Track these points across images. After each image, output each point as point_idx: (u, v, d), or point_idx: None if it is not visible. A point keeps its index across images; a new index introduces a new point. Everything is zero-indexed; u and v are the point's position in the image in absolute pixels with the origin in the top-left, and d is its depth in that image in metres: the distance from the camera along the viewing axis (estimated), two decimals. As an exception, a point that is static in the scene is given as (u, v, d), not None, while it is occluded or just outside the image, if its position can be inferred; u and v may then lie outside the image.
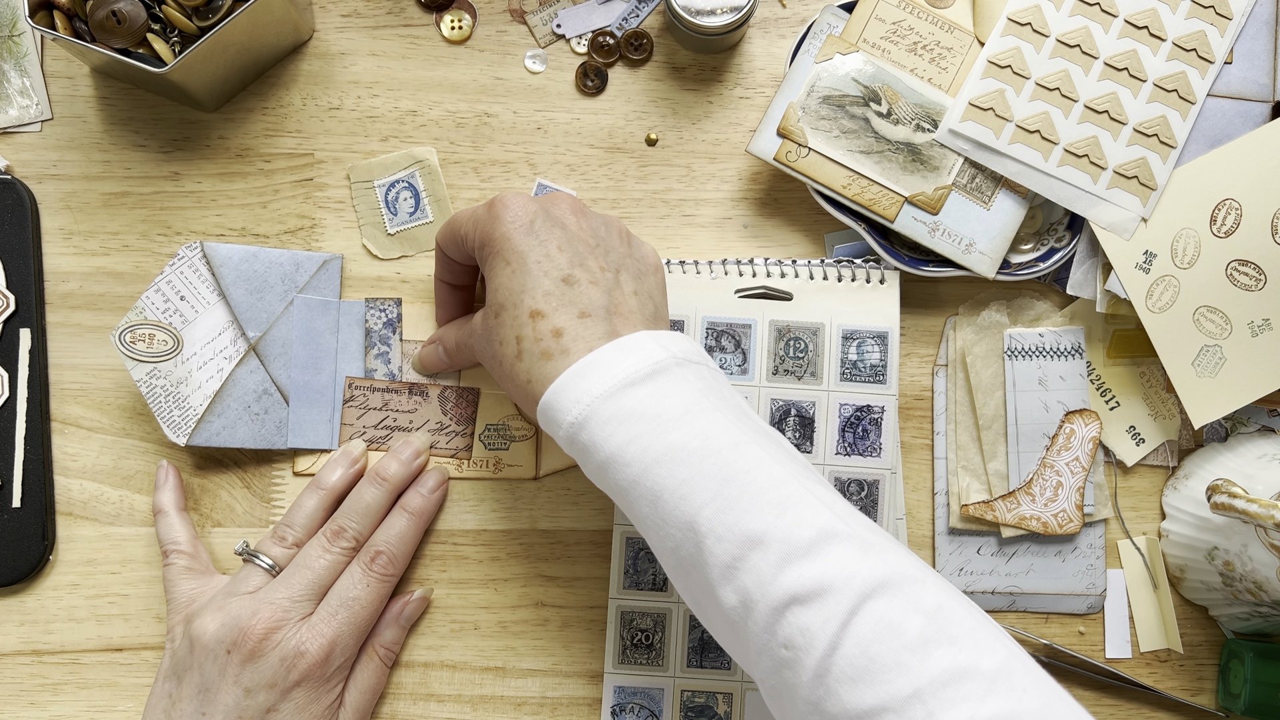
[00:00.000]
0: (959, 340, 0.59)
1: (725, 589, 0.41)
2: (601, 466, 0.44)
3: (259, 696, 0.50)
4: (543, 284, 0.47)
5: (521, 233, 0.48)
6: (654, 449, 0.43)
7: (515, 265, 0.47)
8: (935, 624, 0.39)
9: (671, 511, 0.42)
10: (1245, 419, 0.60)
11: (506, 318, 0.47)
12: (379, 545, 0.54)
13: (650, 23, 0.61)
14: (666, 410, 0.43)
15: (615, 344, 0.45)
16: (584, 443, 0.44)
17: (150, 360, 0.56)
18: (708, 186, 0.60)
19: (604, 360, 0.44)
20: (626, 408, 0.43)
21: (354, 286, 0.60)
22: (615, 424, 0.43)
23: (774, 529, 0.41)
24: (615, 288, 0.48)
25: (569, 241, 0.48)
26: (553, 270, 0.47)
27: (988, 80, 0.56)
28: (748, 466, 0.42)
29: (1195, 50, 0.57)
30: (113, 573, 0.58)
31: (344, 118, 0.60)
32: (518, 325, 0.47)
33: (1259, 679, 0.56)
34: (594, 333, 0.46)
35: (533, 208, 0.49)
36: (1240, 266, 0.56)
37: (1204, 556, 0.56)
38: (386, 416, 0.58)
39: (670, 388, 0.44)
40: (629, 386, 0.44)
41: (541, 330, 0.46)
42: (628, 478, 0.43)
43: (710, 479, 0.42)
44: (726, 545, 0.41)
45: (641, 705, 0.57)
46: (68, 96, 0.60)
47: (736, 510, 0.41)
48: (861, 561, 0.40)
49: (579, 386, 0.44)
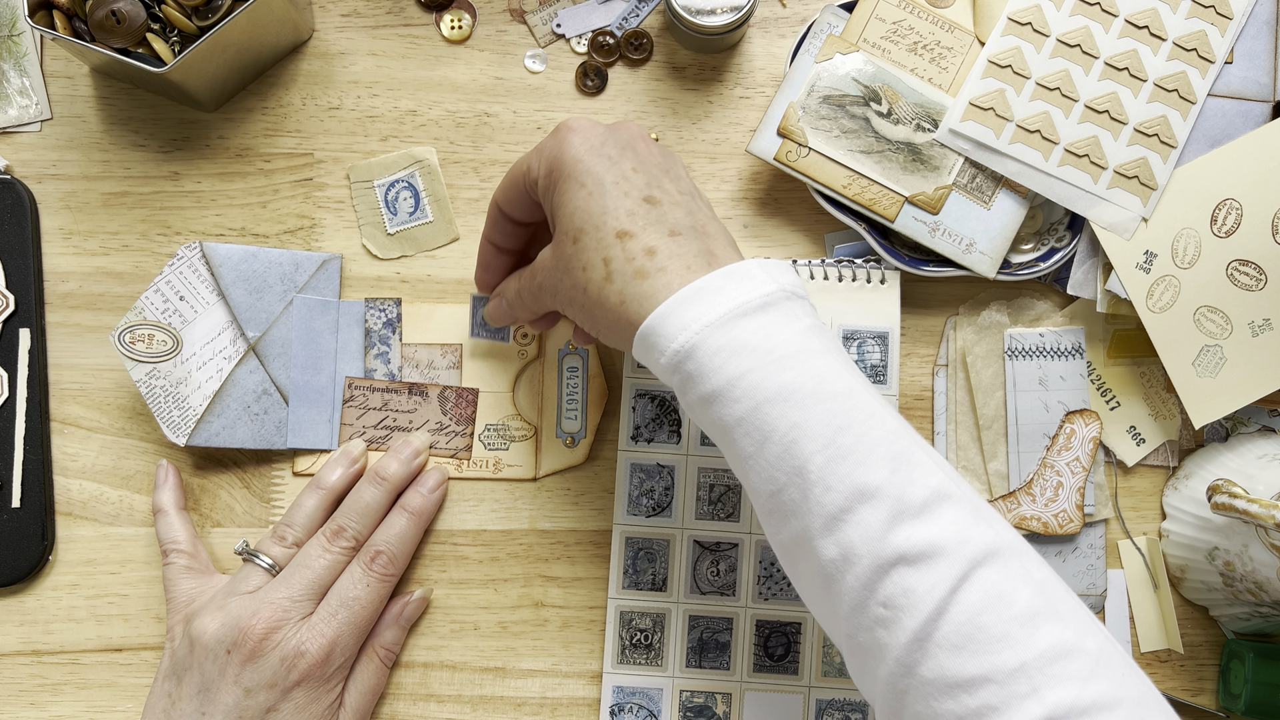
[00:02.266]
0: (959, 340, 0.59)
1: (826, 540, 0.40)
2: (706, 399, 0.42)
3: (259, 696, 0.50)
4: (624, 204, 0.44)
5: (593, 154, 0.46)
6: (766, 386, 0.40)
7: (591, 187, 0.45)
8: (1044, 598, 0.38)
9: (779, 454, 0.40)
10: (1246, 419, 0.60)
11: (588, 240, 0.44)
12: (379, 545, 0.54)
13: (650, 22, 0.61)
14: (780, 346, 0.41)
15: (724, 271, 0.42)
16: (689, 371, 0.42)
17: (150, 360, 0.56)
18: (708, 186, 0.60)
19: (713, 287, 0.42)
20: (739, 339, 0.41)
21: (353, 286, 0.59)
22: (726, 355, 0.41)
23: (888, 484, 0.39)
24: (696, 209, 0.46)
25: (642, 164, 0.46)
26: (633, 190, 0.45)
27: (988, 80, 0.56)
28: (862, 417, 0.40)
29: (1196, 50, 0.57)
30: (112, 573, 0.58)
31: (344, 117, 0.60)
32: (604, 247, 0.44)
33: (1259, 679, 0.56)
34: (689, 250, 0.43)
35: (600, 130, 0.47)
36: (1241, 266, 0.56)
37: (1204, 557, 0.56)
38: (386, 416, 0.58)
39: (783, 323, 0.41)
40: (741, 317, 0.41)
41: (632, 249, 0.43)
42: (734, 414, 0.41)
43: (825, 425, 0.40)
44: (835, 496, 0.39)
45: (640, 705, 0.57)
46: (67, 96, 0.60)
47: (850, 461, 0.39)
48: (974, 527, 0.39)
49: (687, 312, 0.41)
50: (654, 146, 0.48)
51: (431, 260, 0.60)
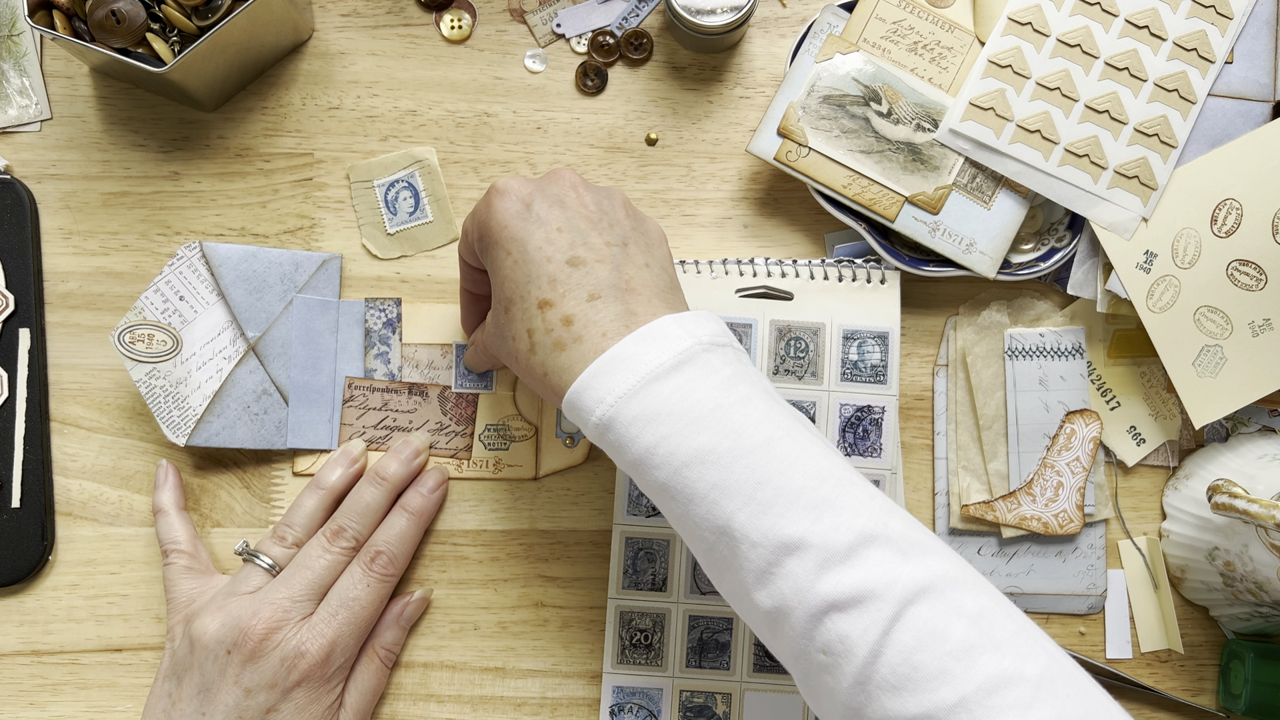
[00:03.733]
0: (959, 340, 0.59)
1: (760, 593, 0.40)
2: (631, 466, 0.43)
3: (259, 697, 0.50)
4: (546, 270, 0.45)
5: (518, 219, 0.46)
6: (683, 451, 0.41)
7: (516, 254, 0.45)
8: (979, 629, 0.38)
9: (704, 515, 0.41)
10: (1246, 419, 0.60)
11: (516, 311, 0.45)
12: (379, 545, 0.54)
13: (650, 22, 0.61)
14: (694, 407, 0.41)
15: (637, 334, 0.43)
16: (611, 442, 0.43)
17: (149, 360, 0.56)
18: (708, 186, 0.60)
19: (625, 354, 0.42)
20: (652, 407, 0.41)
21: (353, 286, 0.59)
22: (641, 425, 0.42)
23: (811, 534, 0.39)
24: (625, 261, 0.46)
25: (569, 220, 0.46)
26: (555, 254, 0.45)
27: (988, 80, 0.56)
28: (781, 467, 0.41)
29: (1196, 50, 0.57)
30: (112, 573, 0.58)
31: (343, 117, 0.60)
32: (527, 318, 0.45)
33: (1260, 679, 0.56)
34: (607, 314, 0.44)
35: (527, 190, 0.47)
36: (1241, 266, 0.56)
37: (1205, 557, 0.56)
38: (386, 416, 0.58)
39: (697, 380, 0.42)
40: (653, 382, 0.42)
41: (551, 320, 0.44)
42: (658, 480, 0.42)
43: (743, 482, 0.40)
44: (761, 551, 0.40)
45: (640, 705, 0.57)
46: (67, 96, 0.60)
47: (771, 515, 0.40)
48: (902, 566, 0.39)
49: (601, 385, 0.42)
50: (586, 195, 0.47)
51: (431, 260, 0.60)
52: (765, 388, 0.44)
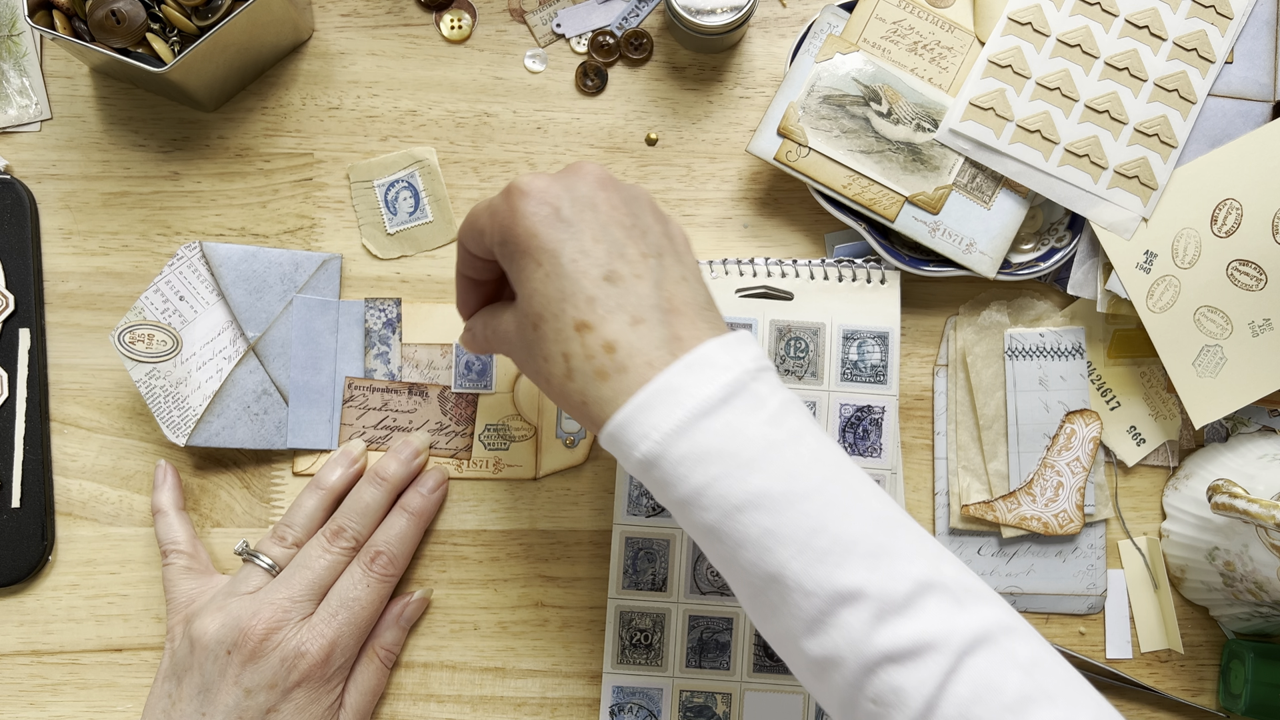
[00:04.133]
0: (959, 340, 0.59)
1: (810, 641, 0.39)
2: (676, 504, 0.40)
3: (259, 697, 0.50)
4: (583, 287, 0.41)
5: (548, 226, 0.42)
6: (734, 495, 0.39)
7: (548, 266, 0.41)
8: (1033, 679, 0.38)
9: (754, 560, 0.39)
10: (1246, 419, 0.60)
11: (548, 330, 0.41)
12: (379, 545, 0.54)
13: (650, 22, 0.61)
14: (745, 447, 0.39)
15: (682, 364, 0.40)
16: (656, 478, 0.40)
17: (149, 360, 0.56)
18: (708, 186, 0.60)
19: (672, 386, 0.39)
20: (701, 445, 0.39)
21: (353, 286, 0.59)
22: (690, 464, 0.39)
23: (868, 584, 0.38)
24: (663, 276, 0.42)
25: (603, 228, 0.42)
26: (591, 268, 0.41)
27: (988, 80, 0.56)
28: (837, 514, 0.39)
29: (1196, 50, 0.57)
30: (112, 573, 0.58)
31: (343, 117, 0.60)
32: (563, 340, 0.41)
33: (1260, 679, 0.56)
34: (652, 340, 0.40)
35: (556, 191, 0.42)
36: (1241, 266, 0.56)
37: (1205, 557, 0.56)
38: (386, 416, 0.58)
39: (746, 413, 0.39)
40: (703, 417, 0.39)
41: (591, 345, 0.40)
42: (706, 521, 0.40)
43: (797, 529, 0.38)
44: (815, 600, 0.38)
45: (640, 705, 0.57)
46: (67, 96, 0.60)
47: (827, 564, 0.38)
48: (959, 615, 0.38)
49: (647, 419, 0.39)
50: (616, 195, 0.44)
51: (431, 260, 0.60)
52: (807, 414, 0.42)
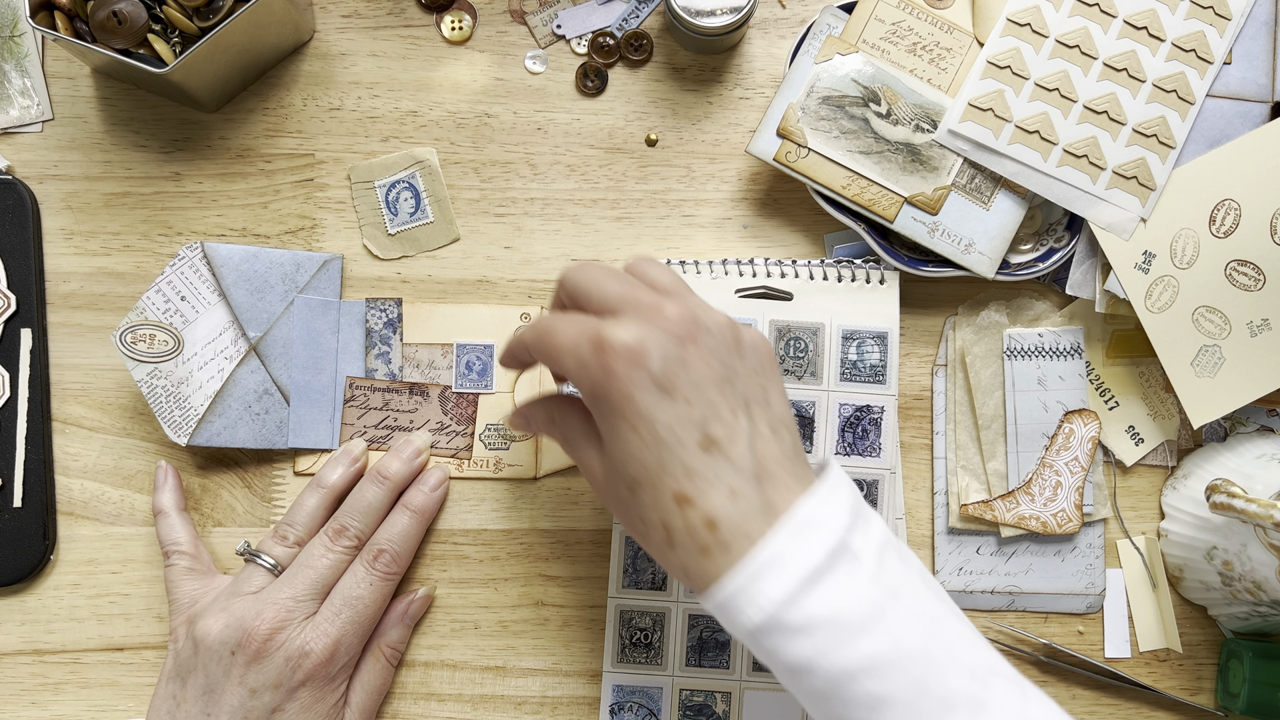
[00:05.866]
0: (958, 340, 0.59)
1: None
2: (786, 671, 0.41)
3: (264, 697, 0.50)
4: (681, 457, 0.41)
5: (644, 391, 0.41)
6: (843, 661, 0.39)
7: (645, 434, 0.41)
8: None
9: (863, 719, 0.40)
10: (1244, 419, 0.60)
11: (647, 499, 0.42)
12: (381, 544, 0.54)
13: (650, 23, 0.61)
14: (851, 611, 0.40)
15: (787, 530, 0.40)
16: (765, 647, 0.41)
17: (151, 360, 0.56)
18: (708, 186, 0.60)
19: (777, 555, 0.40)
20: (809, 613, 0.39)
21: (354, 286, 0.60)
22: (801, 636, 0.40)
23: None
24: (754, 435, 0.43)
25: (696, 387, 0.41)
26: (689, 437, 0.41)
27: (987, 81, 0.56)
28: (939, 673, 0.40)
29: (1194, 51, 0.57)
30: (114, 572, 0.59)
31: (344, 118, 0.60)
32: (662, 510, 0.41)
33: (1258, 678, 0.56)
34: (750, 514, 0.41)
35: (653, 353, 0.41)
36: (1239, 266, 0.56)
37: (1203, 556, 0.56)
38: (387, 416, 0.59)
39: (850, 576, 0.40)
40: (810, 586, 0.40)
41: (693, 521, 0.41)
42: (815, 688, 0.40)
43: (905, 691, 0.39)
44: None
45: (640, 704, 0.57)
46: (68, 97, 0.60)
47: None
48: None
49: (755, 589, 0.40)
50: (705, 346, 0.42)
51: (432, 260, 0.60)
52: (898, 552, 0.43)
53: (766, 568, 0.40)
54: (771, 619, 0.40)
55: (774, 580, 0.40)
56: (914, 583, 0.42)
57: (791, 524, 0.41)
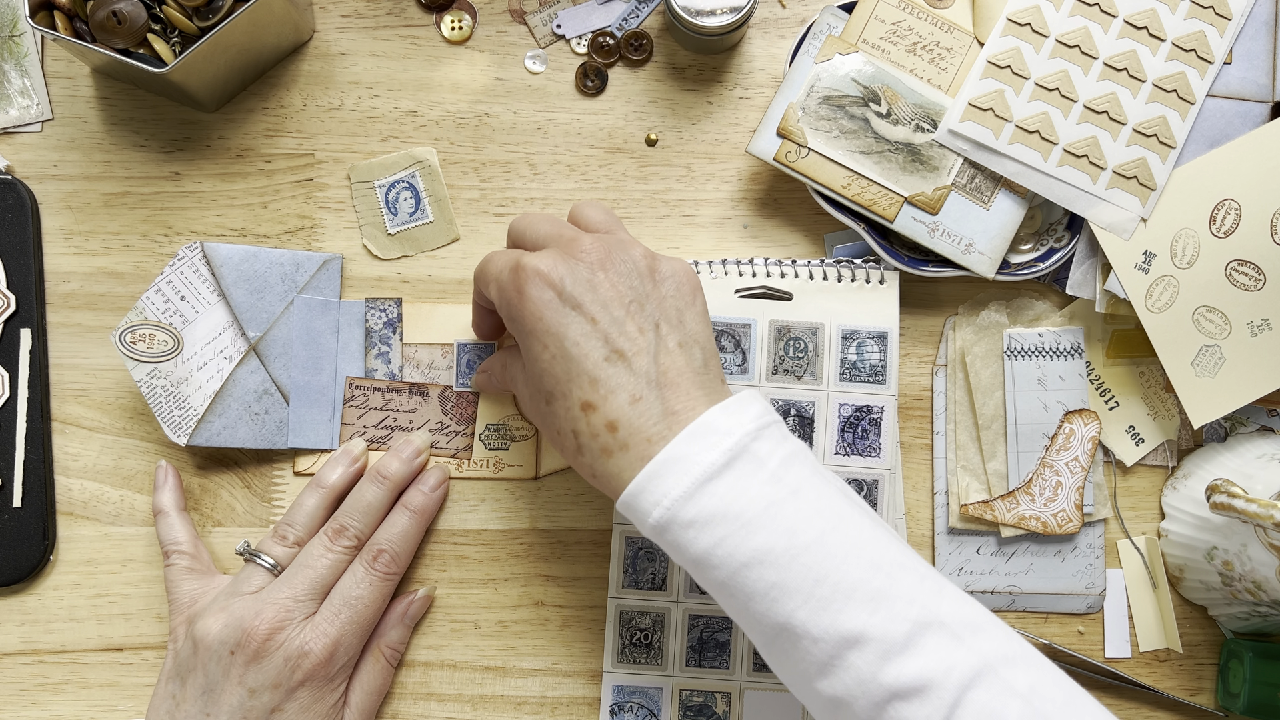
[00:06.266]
0: (958, 340, 0.59)
1: (822, 683, 0.42)
2: (688, 564, 0.44)
3: (263, 697, 0.50)
4: (586, 368, 0.45)
5: (552, 310, 0.45)
6: (740, 553, 0.42)
7: (554, 349, 0.45)
8: (1032, 707, 0.40)
9: (764, 612, 0.42)
10: (1244, 419, 0.60)
11: (558, 409, 0.46)
12: (381, 544, 0.54)
13: (650, 23, 0.61)
14: (747, 508, 0.42)
15: (687, 433, 0.43)
16: (668, 542, 0.44)
17: (151, 360, 0.56)
18: (708, 186, 0.60)
19: (677, 456, 0.43)
20: (707, 509, 0.42)
21: (354, 286, 0.60)
22: (698, 528, 0.42)
23: (870, 627, 0.41)
24: (659, 349, 0.46)
25: (603, 306, 0.45)
26: (593, 350, 0.45)
27: (987, 80, 0.56)
28: (836, 562, 0.42)
29: (1195, 50, 0.57)
30: (113, 572, 0.58)
31: (344, 118, 0.60)
32: (571, 419, 0.45)
33: (1258, 679, 0.56)
34: (648, 418, 0.44)
35: (559, 274, 0.46)
36: (1240, 266, 0.56)
37: (1203, 556, 0.56)
38: (387, 416, 0.59)
39: (748, 475, 0.43)
40: (707, 483, 0.42)
41: (596, 425, 0.44)
42: (716, 579, 0.43)
43: (801, 580, 0.42)
44: (823, 646, 0.41)
45: (640, 704, 0.57)
46: (68, 97, 0.60)
47: (830, 610, 0.41)
48: (957, 650, 0.41)
49: (656, 489, 0.43)
50: (615, 270, 0.46)
51: (432, 260, 0.60)
52: (811, 466, 0.45)
53: (666, 466, 0.43)
54: (670, 514, 0.43)
55: (672, 478, 0.43)
56: (822, 488, 0.44)
57: (694, 427, 0.43)
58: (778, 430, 0.45)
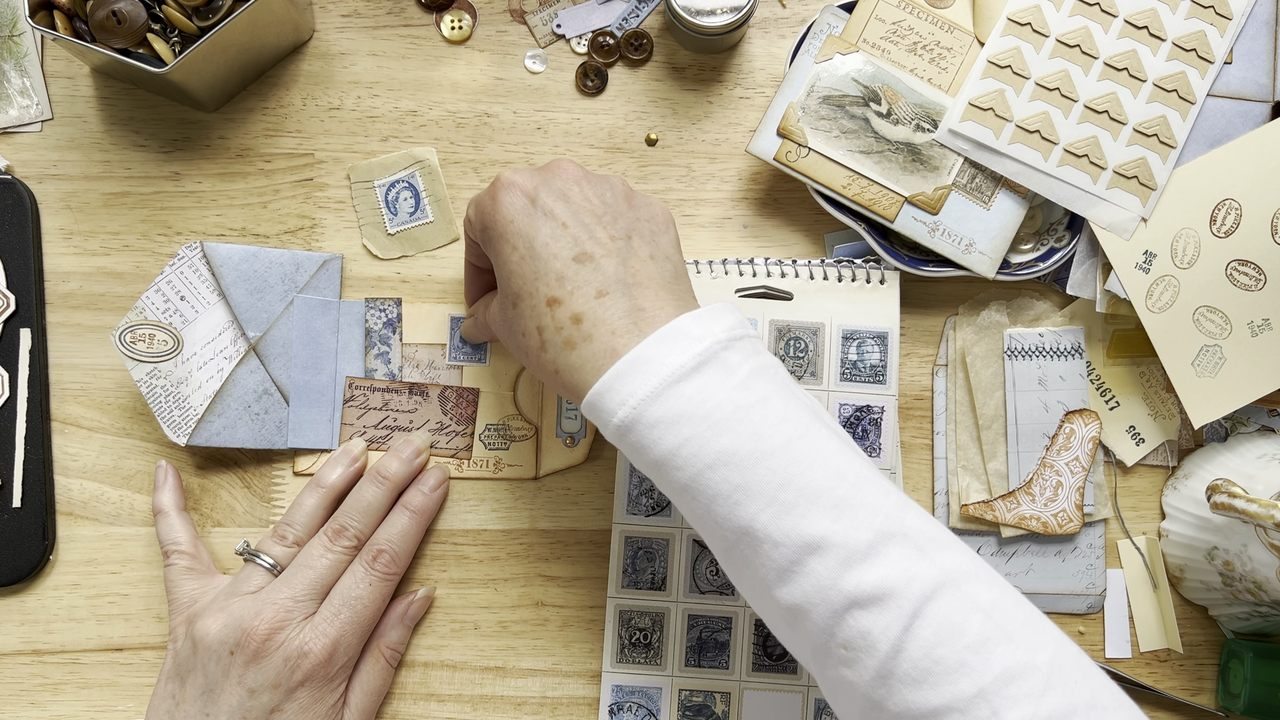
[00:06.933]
0: (959, 340, 0.59)
1: (781, 590, 0.41)
2: (651, 466, 0.43)
3: (263, 697, 0.50)
4: (554, 266, 0.45)
5: (524, 214, 0.46)
6: (705, 454, 0.42)
7: (523, 250, 0.46)
8: (993, 621, 0.40)
9: (726, 515, 0.42)
10: (1245, 419, 0.60)
11: (524, 308, 0.46)
12: (381, 544, 0.54)
13: (650, 23, 0.61)
14: (715, 410, 0.42)
15: (657, 335, 0.43)
16: (632, 443, 0.43)
17: (150, 360, 0.56)
18: (708, 186, 0.60)
19: (646, 356, 0.43)
20: (674, 410, 0.42)
21: (354, 286, 0.60)
22: (663, 428, 0.42)
23: (832, 533, 0.40)
24: (629, 255, 0.46)
25: (575, 214, 0.46)
26: (562, 250, 0.46)
27: (987, 80, 0.56)
28: (801, 468, 0.42)
29: (1195, 50, 0.57)
30: (113, 572, 0.58)
31: (344, 118, 0.60)
32: (536, 315, 0.45)
33: (1259, 679, 0.56)
34: (614, 312, 0.44)
35: (532, 184, 0.47)
36: (1240, 266, 0.56)
37: (1204, 556, 0.56)
38: (386, 416, 0.58)
39: (717, 380, 0.42)
40: (674, 384, 0.42)
41: (561, 318, 0.45)
42: (679, 481, 0.43)
43: (765, 484, 0.41)
44: (784, 550, 0.41)
45: (640, 704, 0.57)
46: (68, 96, 0.60)
47: (793, 515, 0.41)
48: (920, 562, 0.41)
49: (623, 388, 0.43)
50: (590, 187, 0.48)
51: (432, 260, 0.60)
52: (782, 380, 0.44)
53: (635, 365, 0.43)
54: (635, 413, 0.42)
55: (640, 378, 0.42)
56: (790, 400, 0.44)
57: (666, 331, 0.43)
58: (751, 344, 0.45)
